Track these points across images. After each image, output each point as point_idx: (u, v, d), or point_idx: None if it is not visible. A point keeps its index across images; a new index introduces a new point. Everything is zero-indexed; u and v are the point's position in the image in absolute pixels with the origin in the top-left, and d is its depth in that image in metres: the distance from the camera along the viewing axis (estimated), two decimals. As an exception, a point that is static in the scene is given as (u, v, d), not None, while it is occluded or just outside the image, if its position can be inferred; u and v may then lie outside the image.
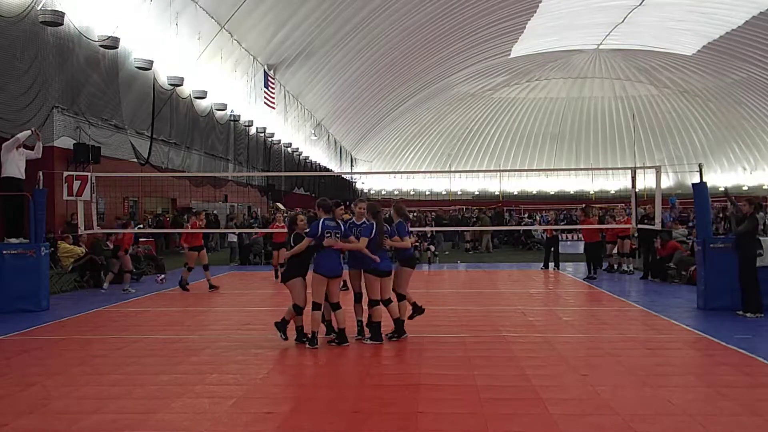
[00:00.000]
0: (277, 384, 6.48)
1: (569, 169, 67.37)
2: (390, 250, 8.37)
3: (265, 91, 29.32)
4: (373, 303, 7.95)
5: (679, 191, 43.34)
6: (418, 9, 31.68)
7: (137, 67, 18.63)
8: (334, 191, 47.24)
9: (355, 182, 59.78)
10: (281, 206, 30.70)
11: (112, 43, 16.72)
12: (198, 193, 25.52)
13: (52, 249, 13.07)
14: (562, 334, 8.54)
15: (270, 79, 29.77)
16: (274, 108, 30.93)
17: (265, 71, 29.23)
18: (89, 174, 12.05)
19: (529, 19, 39.68)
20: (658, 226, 12.32)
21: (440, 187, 63.48)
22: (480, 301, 11.73)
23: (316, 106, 40.05)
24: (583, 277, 14.88)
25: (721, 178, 59.32)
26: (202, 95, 23.03)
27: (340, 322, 7.78)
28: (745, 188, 57.12)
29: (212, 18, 22.90)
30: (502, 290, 13.61)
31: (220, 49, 24.30)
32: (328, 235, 7.66)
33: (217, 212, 25.38)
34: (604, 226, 16.44)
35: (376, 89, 43.06)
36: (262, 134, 30.52)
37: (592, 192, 60.26)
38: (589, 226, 15.71)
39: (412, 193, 63.79)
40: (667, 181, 51.53)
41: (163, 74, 20.28)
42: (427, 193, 63.67)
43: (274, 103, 30.76)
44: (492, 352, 7.54)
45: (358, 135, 55.11)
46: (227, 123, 26.45)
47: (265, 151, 31.48)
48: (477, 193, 63.37)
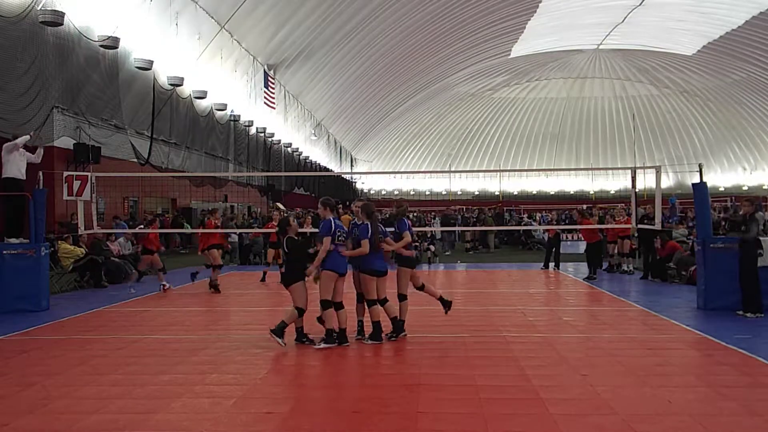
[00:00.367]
0: (277, 384, 6.48)
1: (569, 169, 67.41)
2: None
3: (265, 91, 29.32)
4: (371, 303, 7.96)
5: (679, 191, 43.32)
6: (418, 9, 31.69)
7: (137, 67, 18.64)
8: (334, 191, 47.26)
9: (355, 182, 59.79)
10: (281, 206, 30.71)
11: (112, 43, 16.73)
12: (198, 193, 25.52)
13: (52, 249, 13.07)
14: (562, 334, 8.54)
15: (270, 79, 29.77)
16: (274, 108, 30.93)
17: (265, 71, 29.23)
18: (89, 174, 12.04)
19: (529, 19, 39.70)
20: (658, 226, 12.32)
21: (440, 187, 63.47)
22: (480, 301, 11.73)
23: (316, 106, 40.06)
24: (584, 278, 14.88)
25: (721, 178, 59.38)
26: (202, 95, 23.03)
27: (342, 322, 7.77)
28: (745, 188, 57.13)
29: (212, 18, 22.90)
30: (502, 290, 13.61)
31: (220, 49, 24.31)
32: (339, 234, 7.75)
33: (205, 212, 25.33)
34: (604, 226, 16.45)
35: (376, 89, 43.07)
36: (262, 134, 30.53)
37: (592, 192, 60.26)
38: (589, 226, 15.76)
39: (412, 193, 63.78)
40: (667, 181, 51.53)
41: (163, 74, 20.29)
42: (427, 193, 63.67)
43: (274, 103, 30.76)
44: (492, 352, 7.54)
45: (358, 135, 55.12)
46: (227, 123, 26.46)
47: (265, 151, 31.48)
48: (477, 193, 63.37)
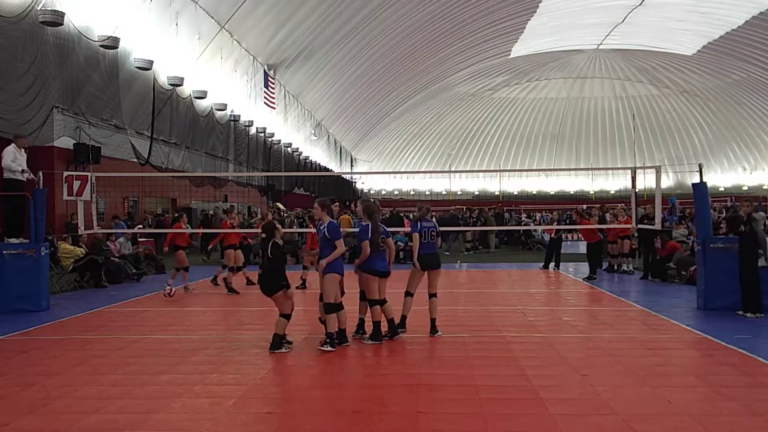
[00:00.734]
0: (277, 384, 6.48)
1: (569, 169, 67.43)
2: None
3: (265, 91, 29.32)
4: (372, 303, 7.96)
5: (679, 191, 43.31)
6: (418, 9, 31.69)
7: (137, 67, 18.64)
8: (334, 191, 47.27)
9: (355, 182, 59.80)
10: (281, 206, 30.72)
11: (112, 43, 16.73)
12: (198, 193, 25.53)
13: (52, 249, 13.07)
14: (562, 334, 8.54)
15: (270, 79, 29.77)
16: (274, 108, 30.93)
17: (265, 71, 29.23)
18: (89, 174, 12.05)
19: (529, 19, 39.70)
20: (658, 226, 12.32)
21: (440, 187, 63.46)
22: (480, 301, 11.73)
23: (316, 106, 40.06)
24: (584, 278, 14.88)
25: (721, 178, 59.37)
26: (202, 95, 23.04)
27: (341, 323, 7.77)
28: (745, 188, 57.14)
29: (212, 18, 22.91)
30: (502, 290, 13.61)
31: (220, 49, 24.31)
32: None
33: (213, 212, 25.36)
34: (603, 226, 16.47)
35: (376, 89, 43.08)
36: (262, 134, 30.53)
37: (592, 192, 60.27)
38: (588, 226, 15.79)
39: (412, 193, 63.79)
40: (667, 181, 51.53)
41: (163, 74, 20.29)
42: (427, 193, 63.66)
43: (274, 103, 30.76)
44: (492, 352, 7.54)
45: (358, 135, 55.13)
46: (227, 123, 26.46)
47: (265, 151, 31.49)
48: (477, 193, 63.37)
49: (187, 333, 8.92)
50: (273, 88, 30.31)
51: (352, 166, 57.56)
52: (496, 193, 59.74)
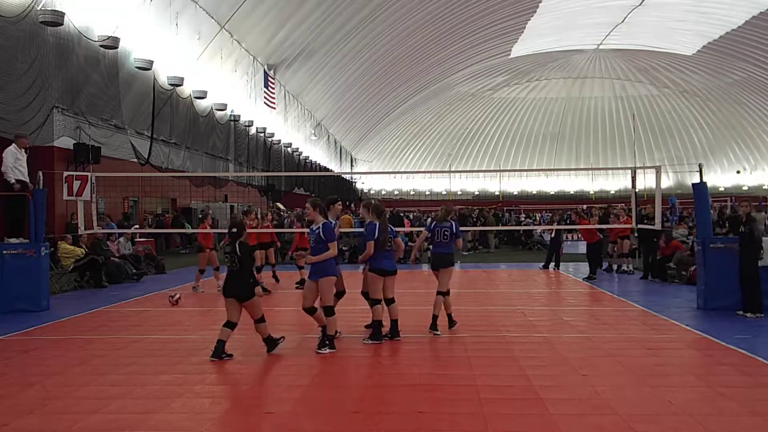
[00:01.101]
0: (277, 384, 6.48)
1: (569, 169, 67.43)
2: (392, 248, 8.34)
3: (265, 91, 29.31)
4: (374, 302, 7.95)
5: (679, 191, 43.32)
6: (418, 9, 31.69)
7: (137, 67, 18.63)
8: (334, 191, 47.23)
9: (355, 182, 59.79)
10: (281, 206, 30.72)
11: (112, 43, 16.72)
12: (198, 193, 25.53)
13: (52, 249, 13.07)
14: (562, 334, 8.54)
15: (270, 79, 29.77)
16: (274, 108, 30.92)
17: (265, 71, 29.23)
18: (89, 174, 12.06)
19: (529, 19, 39.71)
20: (659, 226, 12.33)
21: (440, 187, 63.46)
22: (480, 301, 11.73)
23: (316, 106, 40.06)
24: (584, 278, 14.89)
25: (721, 178, 59.38)
26: (202, 95, 23.03)
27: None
28: (745, 188, 57.15)
29: (212, 18, 22.90)
30: (502, 290, 13.62)
31: (220, 49, 24.31)
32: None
33: (212, 212, 25.36)
34: (602, 226, 16.49)
35: (376, 89, 43.07)
36: (262, 134, 30.52)
37: (592, 192, 60.27)
38: (587, 226, 15.82)
39: (412, 193, 63.80)
40: (667, 181, 51.53)
41: (163, 74, 20.29)
42: (427, 193, 63.65)
43: (274, 103, 30.75)
44: (492, 352, 7.54)
45: (358, 135, 55.12)
46: (227, 123, 26.46)
47: (265, 151, 31.48)
48: (477, 193, 63.36)
49: (187, 333, 8.91)
50: (273, 88, 30.31)
51: (352, 166, 57.54)
52: (496, 193, 59.74)
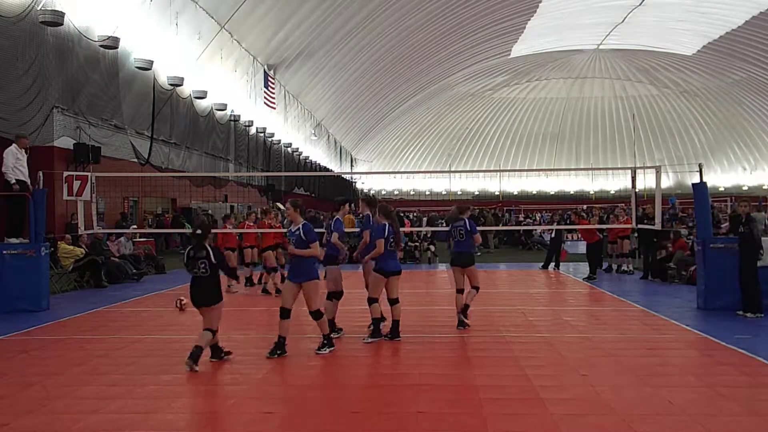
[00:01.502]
0: (277, 384, 6.48)
1: (569, 169, 67.44)
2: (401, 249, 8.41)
3: (265, 91, 29.30)
4: (372, 300, 7.96)
5: (679, 191, 43.33)
6: (418, 9, 31.68)
7: (137, 67, 18.63)
8: (334, 191, 47.22)
9: (355, 182, 59.80)
10: (281, 206, 30.70)
11: (112, 43, 16.72)
12: (198, 193, 25.52)
13: (52, 249, 13.07)
14: (562, 334, 8.54)
15: (270, 79, 29.76)
16: (274, 108, 30.92)
17: (265, 71, 29.22)
18: (89, 174, 12.06)
19: (529, 19, 39.70)
20: (658, 226, 12.33)
21: (440, 187, 63.47)
22: (480, 301, 11.70)
23: (316, 106, 40.05)
24: (584, 278, 14.89)
25: (721, 178, 59.38)
26: (202, 95, 23.03)
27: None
28: (745, 188, 57.13)
29: (212, 18, 22.90)
30: (502, 290, 13.61)
31: (220, 49, 24.30)
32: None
33: (212, 212, 25.40)
34: (601, 226, 16.51)
35: (376, 89, 43.06)
36: (262, 134, 30.52)
37: (592, 192, 60.28)
38: (586, 226, 15.84)
39: (412, 193, 63.80)
40: (667, 181, 51.53)
41: (163, 74, 20.28)
42: (427, 193, 63.67)
43: (274, 103, 30.74)
44: (492, 352, 7.54)
45: (358, 135, 55.11)
46: (227, 123, 26.46)
47: (265, 151, 31.48)
48: (477, 193, 63.37)
49: (187, 333, 8.89)
50: (273, 88, 30.30)
51: (352, 166, 57.53)
52: (496, 193, 59.74)
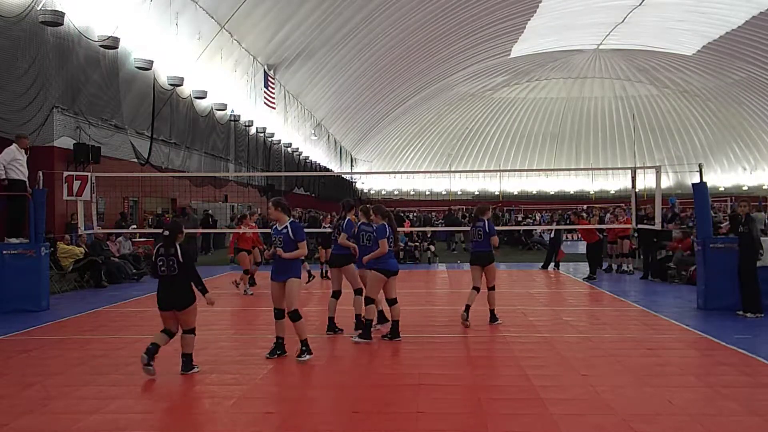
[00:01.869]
0: (277, 384, 6.48)
1: (569, 169, 67.37)
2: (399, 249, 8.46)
3: (265, 91, 29.30)
4: (370, 301, 7.96)
5: (679, 191, 43.31)
6: (418, 9, 31.68)
7: (137, 67, 18.62)
8: (334, 191, 47.22)
9: (355, 182, 59.78)
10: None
11: (112, 43, 16.71)
12: (198, 193, 25.52)
13: (52, 249, 13.07)
14: (562, 334, 8.54)
15: (270, 79, 29.76)
16: (274, 108, 30.91)
17: (265, 71, 29.22)
18: (89, 174, 12.07)
19: (529, 19, 39.68)
20: (658, 226, 12.34)
21: (440, 187, 63.46)
22: (480, 301, 11.70)
23: (316, 106, 40.05)
24: (584, 278, 14.89)
25: (721, 178, 59.37)
26: (202, 95, 23.03)
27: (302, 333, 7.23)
28: (745, 188, 57.12)
29: (212, 18, 22.89)
30: (502, 290, 13.55)
31: (220, 49, 24.30)
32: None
33: (212, 212, 25.42)
34: (601, 226, 16.52)
35: (376, 89, 43.06)
36: (262, 134, 30.52)
37: (592, 192, 60.27)
38: (585, 226, 15.86)
39: (412, 193, 63.77)
40: (667, 181, 51.53)
41: (163, 74, 20.28)
42: (427, 193, 63.65)
43: (274, 103, 30.74)
44: (492, 352, 7.55)
45: (358, 135, 55.10)
46: (227, 123, 26.46)
47: (265, 151, 31.47)
48: (477, 193, 63.34)
49: (187, 333, 8.90)
50: (273, 88, 30.30)
51: (352, 166, 57.52)
52: (496, 193, 59.71)
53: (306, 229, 14.89)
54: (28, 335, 8.74)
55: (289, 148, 35.59)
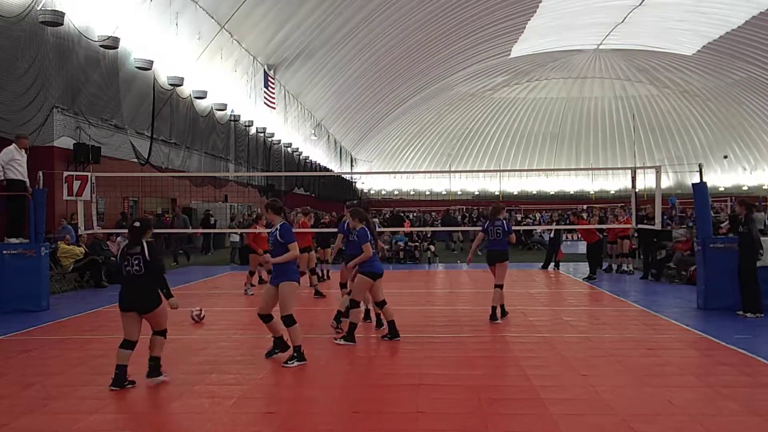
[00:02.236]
0: (277, 384, 6.47)
1: (569, 169, 67.36)
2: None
3: (265, 91, 29.30)
4: (355, 304, 7.96)
5: (679, 191, 43.31)
6: (418, 9, 31.67)
7: (137, 67, 18.62)
8: (334, 191, 47.23)
9: (355, 182, 59.78)
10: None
11: (112, 43, 16.71)
12: (198, 193, 25.53)
13: (53, 248, 13.07)
14: (562, 334, 8.54)
15: (270, 79, 29.76)
16: (274, 108, 30.91)
17: (265, 71, 29.22)
18: (89, 174, 12.06)
19: (529, 19, 39.67)
20: (658, 226, 12.34)
21: (440, 187, 63.45)
22: (480, 301, 11.71)
23: (316, 106, 40.05)
24: (584, 278, 14.89)
25: (721, 178, 59.37)
26: (202, 95, 23.02)
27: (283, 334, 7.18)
28: (745, 188, 57.12)
29: (212, 18, 22.89)
30: (502, 290, 13.59)
31: (220, 49, 24.30)
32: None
33: (211, 211, 25.41)
34: (600, 226, 16.53)
35: (376, 89, 43.06)
36: (262, 134, 30.52)
37: (592, 192, 60.26)
38: (585, 226, 15.87)
39: (412, 193, 63.76)
40: (667, 181, 51.52)
41: (163, 74, 20.28)
42: (427, 193, 63.65)
43: (274, 103, 30.74)
44: (492, 352, 7.55)
45: (358, 135, 55.11)
46: (227, 123, 26.46)
47: (265, 151, 31.47)
48: (477, 193, 63.35)
49: (187, 333, 8.91)
50: (273, 88, 30.29)
51: (352, 166, 57.52)
52: (496, 193, 59.70)
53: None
54: (28, 335, 8.74)
55: (289, 148, 35.59)
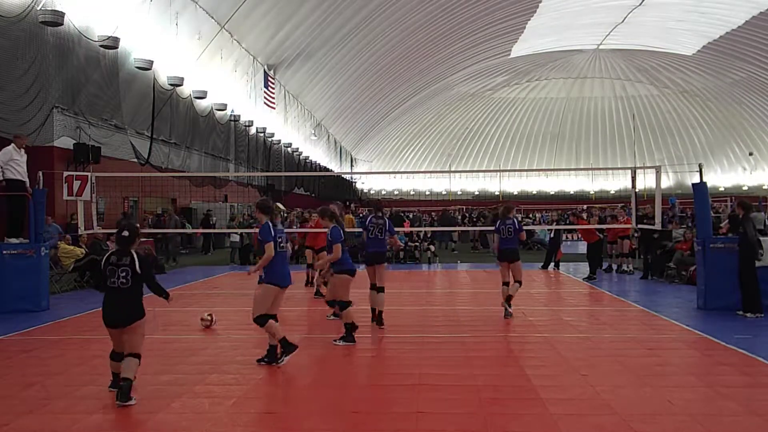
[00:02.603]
0: (277, 384, 6.47)
1: (569, 169, 67.36)
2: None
3: (265, 91, 29.30)
4: (345, 305, 7.93)
5: (679, 191, 43.31)
6: (418, 9, 31.69)
7: (137, 67, 18.62)
8: (334, 191, 47.23)
9: (355, 182, 59.78)
10: (281, 206, 30.70)
11: (112, 43, 16.71)
12: (198, 193, 25.53)
13: (53, 248, 13.07)
14: (562, 334, 8.54)
15: (270, 79, 29.76)
16: (274, 108, 30.92)
17: (265, 71, 29.22)
18: (89, 174, 12.07)
19: (529, 19, 39.70)
20: (658, 226, 12.34)
21: (440, 187, 63.47)
22: (480, 301, 11.72)
23: (316, 106, 40.06)
24: (584, 278, 14.89)
25: (721, 178, 59.37)
26: (202, 95, 23.03)
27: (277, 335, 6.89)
28: (745, 188, 57.12)
29: (212, 18, 22.89)
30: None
31: (220, 49, 24.30)
32: (280, 240, 6.80)
33: (211, 211, 25.40)
34: (601, 226, 16.51)
35: (376, 89, 43.07)
36: (262, 134, 30.52)
37: (592, 192, 60.26)
38: (585, 226, 15.86)
39: (412, 193, 63.78)
40: (667, 181, 51.50)
41: (163, 74, 20.28)
42: (427, 193, 63.66)
43: (274, 103, 30.74)
44: (492, 352, 7.55)
45: (358, 135, 55.12)
46: (227, 123, 26.46)
47: (265, 151, 31.47)
48: (477, 193, 63.37)
49: (187, 333, 8.91)
50: (273, 88, 30.30)
51: (352, 166, 57.54)
52: (496, 193, 59.71)
53: (303, 229, 14.70)
54: (28, 335, 8.74)
55: (289, 148, 35.60)
